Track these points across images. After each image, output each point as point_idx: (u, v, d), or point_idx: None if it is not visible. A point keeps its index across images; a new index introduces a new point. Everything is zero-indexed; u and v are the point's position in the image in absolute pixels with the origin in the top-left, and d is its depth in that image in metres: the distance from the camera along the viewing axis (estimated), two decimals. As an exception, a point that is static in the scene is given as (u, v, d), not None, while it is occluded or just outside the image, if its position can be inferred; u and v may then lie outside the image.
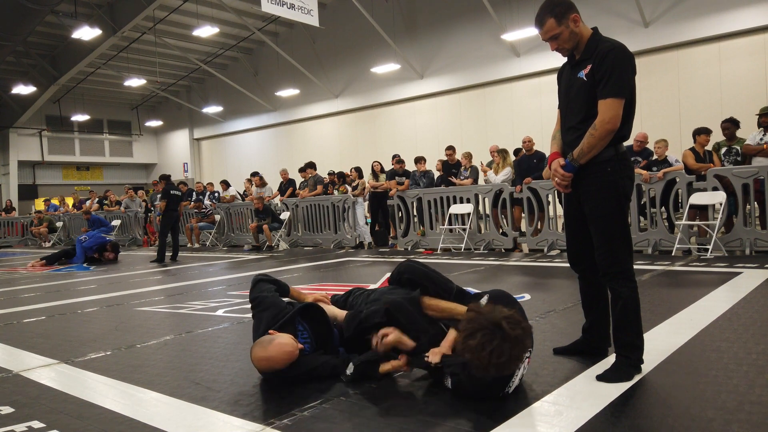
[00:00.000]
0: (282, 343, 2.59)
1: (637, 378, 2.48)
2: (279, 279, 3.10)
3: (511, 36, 14.42)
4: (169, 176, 10.57)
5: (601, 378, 2.50)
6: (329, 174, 12.54)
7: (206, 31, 15.97)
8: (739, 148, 7.20)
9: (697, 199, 6.86)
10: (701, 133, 7.48)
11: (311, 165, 11.76)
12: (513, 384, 2.31)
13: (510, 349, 2.13)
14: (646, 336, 3.16)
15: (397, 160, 10.40)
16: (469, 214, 8.65)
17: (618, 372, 2.50)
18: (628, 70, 2.51)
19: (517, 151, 10.31)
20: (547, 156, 8.65)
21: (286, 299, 3.02)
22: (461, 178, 9.31)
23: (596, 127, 2.48)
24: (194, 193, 14.17)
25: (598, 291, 2.83)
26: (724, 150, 7.35)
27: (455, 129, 16.50)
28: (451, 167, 9.69)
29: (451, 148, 9.80)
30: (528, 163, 8.54)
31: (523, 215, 8.53)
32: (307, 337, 2.81)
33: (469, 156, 9.39)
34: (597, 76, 2.49)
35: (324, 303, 3.03)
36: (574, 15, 2.55)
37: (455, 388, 2.38)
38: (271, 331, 2.67)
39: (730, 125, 7.32)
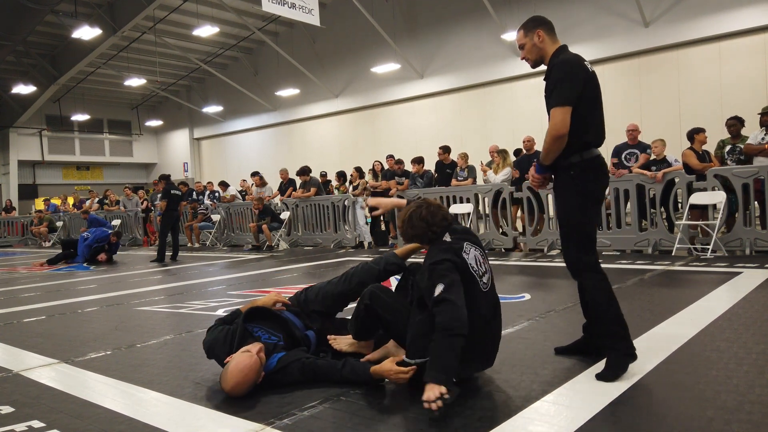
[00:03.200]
0: (237, 362, 2.52)
1: (637, 378, 2.48)
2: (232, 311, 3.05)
3: (511, 36, 14.41)
4: (169, 176, 10.56)
5: (600, 377, 2.51)
6: (321, 175, 12.56)
7: (206, 31, 15.97)
8: (742, 146, 7.20)
9: (697, 199, 6.86)
10: (699, 132, 7.48)
11: (305, 171, 11.54)
12: (468, 256, 2.52)
13: (436, 206, 2.66)
14: (646, 336, 3.17)
15: (396, 160, 10.39)
16: (468, 213, 8.65)
17: (613, 367, 2.53)
18: (570, 80, 2.67)
19: (517, 152, 10.30)
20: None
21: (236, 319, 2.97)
22: (459, 179, 9.29)
23: (547, 133, 2.70)
24: (194, 192, 14.18)
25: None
26: (728, 148, 7.35)
27: (455, 129, 16.50)
28: (445, 167, 9.65)
29: (443, 148, 9.72)
30: (528, 163, 8.53)
31: (518, 215, 8.54)
32: (266, 332, 2.81)
33: (465, 156, 9.36)
34: (547, 88, 2.76)
35: (278, 300, 3.06)
36: (539, 31, 2.83)
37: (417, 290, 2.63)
38: (227, 359, 2.60)
39: (736, 122, 7.32)
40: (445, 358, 2.25)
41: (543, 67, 2.93)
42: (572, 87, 2.66)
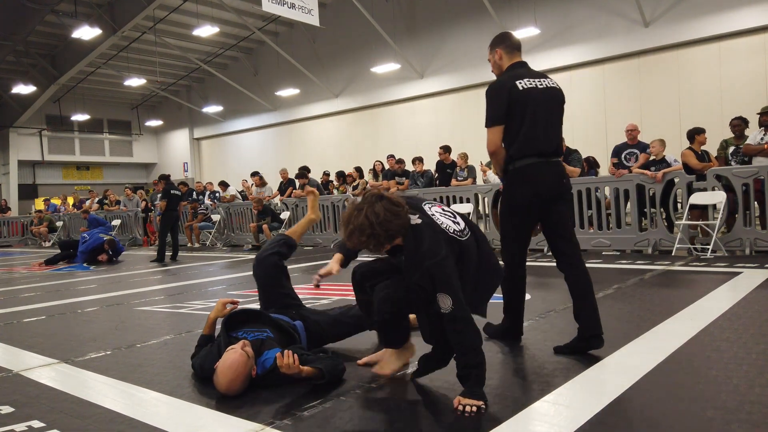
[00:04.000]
0: (224, 360, 2.54)
1: (637, 378, 2.48)
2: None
3: (511, 36, 14.42)
4: (169, 176, 10.56)
5: (558, 350, 2.94)
6: (324, 174, 12.55)
7: (206, 31, 15.98)
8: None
9: (697, 199, 6.86)
10: (700, 132, 7.48)
11: (303, 175, 11.55)
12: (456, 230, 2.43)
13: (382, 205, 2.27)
14: (646, 336, 3.17)
15: (397, 160, 10.39)
16: (468, 213, 8.65)
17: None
18: (491, 102, 2.99)
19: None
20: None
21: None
22: (459, 179, 9.30)
23: None
24: (194, 192, 14.18)
25: (575, 280, 3.04)
26: (732, 149, 7.34)
27: (455, 129, 16.50)
28: (445, 167, 9.66)
29: (443, 148, 9.75)
30: None
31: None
32: (250, 332, 2.80)
33: (464, 156, 9.37)
34: None
35: (225, 302, 3.04)
36: (498, 49, 3.12)
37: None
38: (216, 365, 2.60)
39: (740, 123, 7.31)
40: (477, 369, 2.27)
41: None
42: (494, 108, 2.97)
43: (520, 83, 2.94)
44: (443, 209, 2.54)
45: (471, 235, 2.48)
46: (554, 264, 3.12)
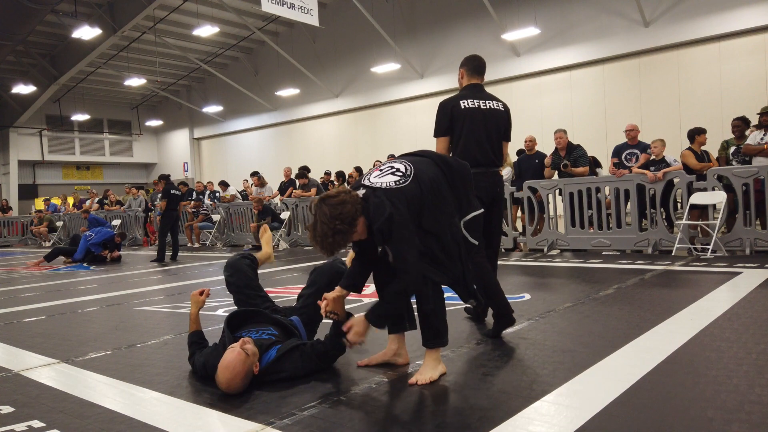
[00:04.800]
0: (222, 360, 2.57)
1: (637, 378, 2.48)
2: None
3: (511, 36, 14.42)
4: (169, 176, 10.57)
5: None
6: (325, 174, 12.54)
7: (206, 31, 15.98)
8: None
9: (697, 199, 6.86)
10: (701, 133, 7.48)
11: (303, 175, 11.56)
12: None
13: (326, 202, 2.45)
14: (646, 336, 3.17)
15: (396, 159, 10.39)
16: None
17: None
18: (438, 119, 3.57)
19: (519, 152, 10.30)
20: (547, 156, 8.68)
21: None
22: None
23: None
24: (194, 192, 14.18)
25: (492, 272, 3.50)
26: (733, 149, 7.34)
27: (455, 129, 16.49)
28: None
29: None
30: (529, 163, 8.53)
31: (518, 215, 8.55)
32: (254, 331, 2.83)
33: None
34: None
35: (199, 293, 3.22)
36: (461, 70, 3.73)
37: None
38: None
39: (741, 123, 7.31)
40: (390, 306, 2.53)
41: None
42: (439, 122, 3.55)
43: (464, 102, 3.51)
44: (381, 170, 2.62)
45: (414, 170, 2.54)
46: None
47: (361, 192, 2.50)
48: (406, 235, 2.39)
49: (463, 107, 3.49)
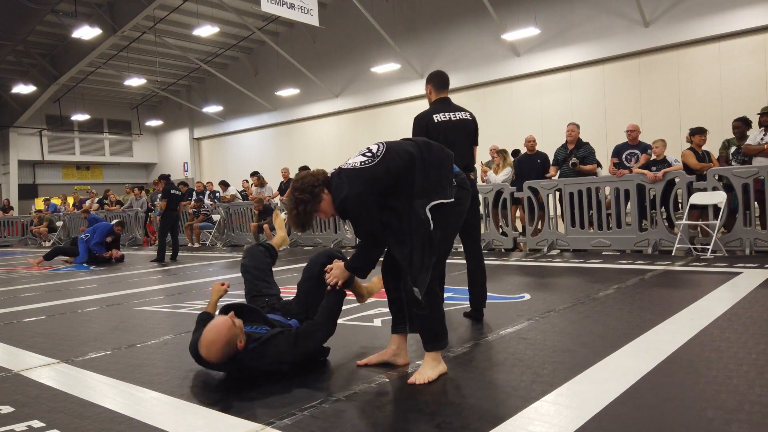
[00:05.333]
0: (212, 323, 2.66)
1: (637, 378, 2.48)
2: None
3: (511, 36, 14.42)
4: (169, 176, 10.57)
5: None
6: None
7: (206, 31, 15.97)
8: None
9: (697, 199, 6.86)
10: (697, 133, 7.48)
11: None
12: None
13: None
14: (646, 336, 3.17)
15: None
16: (469, 213, 8.64)
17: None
18: (414, 129, 3.81)
19: (515, 152, 10.30)
20: (548, 156, 8.69)
21: None
22: (459, 179, 9.31)
23: None
24: (194, 192, 14.19)
25: (478, 273, 3.92)
26: (733, 149, 7.34)
27: (455, 129, 16.47)
28: None
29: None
30: (530, 162, 8.52)
31: (518, 215, 8.55)
32: (249, 325, 2.84)
33: None
34: None
35: (220, 286, 3.37)
36: (428, 86, 3.95)
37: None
38: None
39: (741, 124, 7.31)
40: (356, 263, 2.76)
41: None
42: (415, 134, 3.74)
43: (436, 116, 3.78)
44: (358, 152, 2.70)
45: (385, 150, 2.63)
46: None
47: (330, 173, 2.71)
48: (363, 214, 2.56)
49: (436, 121, 3.78)
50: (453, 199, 2.63)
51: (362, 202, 2.54)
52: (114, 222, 10.62)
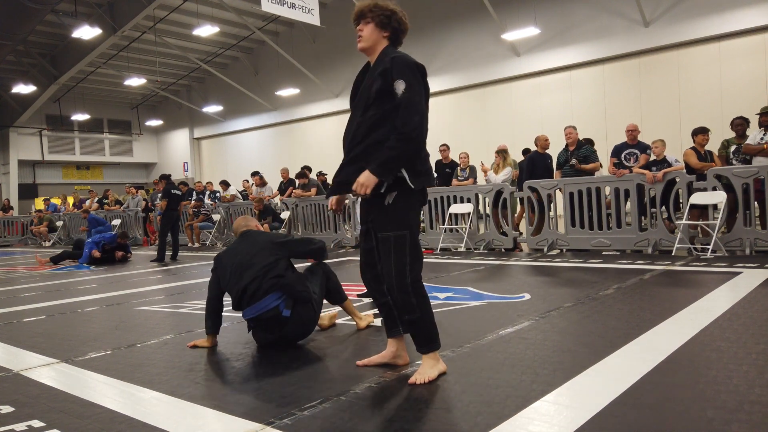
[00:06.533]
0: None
1: (637, 378, 2.48)
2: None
3: (511, 36, 14.43)
4: (169, 176, 10.56)
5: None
6: (318, 174, 12.53)
7: (206, 31, 15.98)
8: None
9: (697, 199, 6.86)
10: (699, 132, 7.48)
11: (303, 174, 11.57)
12: None
13: None
14: (646, 336, 3.18)
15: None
16: (468, 213, 8.65)
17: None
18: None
19: (525, 151, 10.34)
20: (553, 158, 8.71)
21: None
22: (459, 179, 9.28)
23: None
24: (194, 192, 14.18)
25: None
26: (734, 148, 7.34)
27: (455, 129, 16.50)
28: (445, 166, 9.66)
29: (444, 146, 9.76)
30: (542, 159, 8.52)
31: (516, 215, 8.55)
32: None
33: (466, 156, 9.36)
34: None
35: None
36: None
37: None
38: None
39: (743, 122, 7.31)
40: (390, 155, 2.62)
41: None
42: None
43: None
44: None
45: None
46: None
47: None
48: (416, 99, 2.61)
49: None
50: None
51: (419, 84, 2.66)
52: (118, 234, 10.57)
